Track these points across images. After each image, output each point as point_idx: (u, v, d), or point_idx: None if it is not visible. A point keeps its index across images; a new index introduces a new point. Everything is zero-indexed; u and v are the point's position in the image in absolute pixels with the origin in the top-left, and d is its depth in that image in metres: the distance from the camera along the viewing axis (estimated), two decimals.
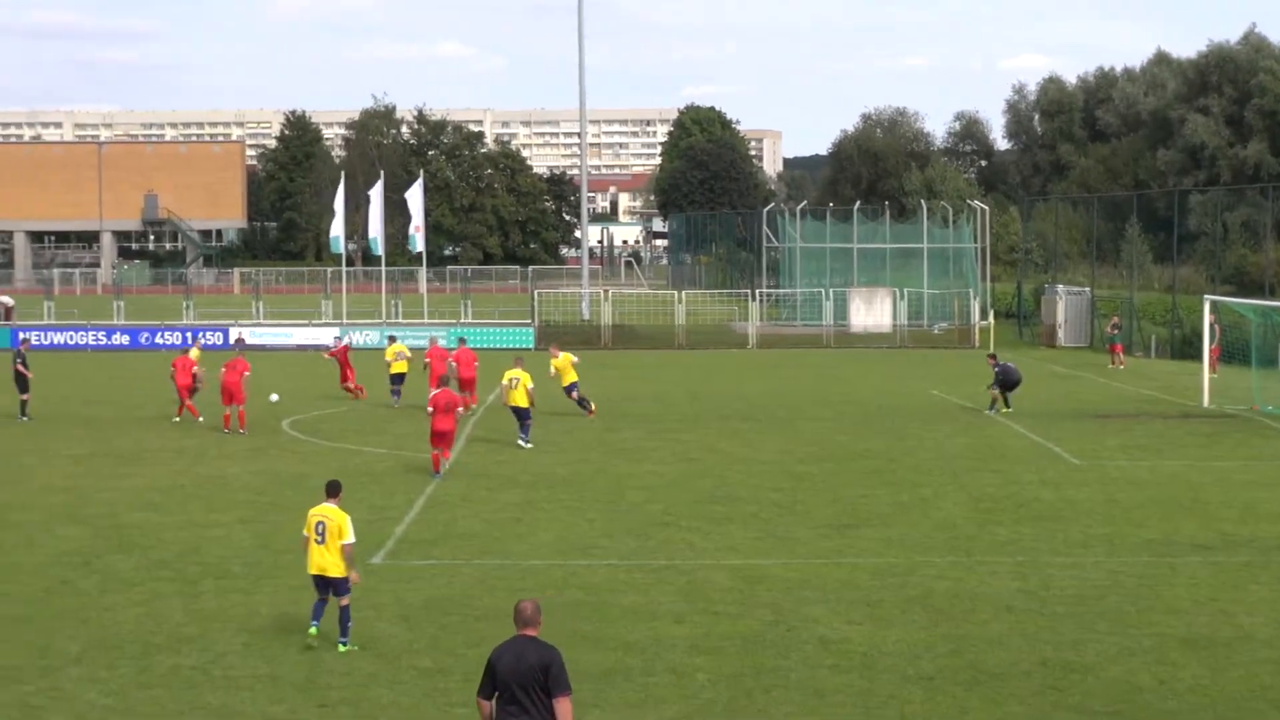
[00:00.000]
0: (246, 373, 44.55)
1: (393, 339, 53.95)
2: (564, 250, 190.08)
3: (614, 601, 24.11)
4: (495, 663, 14.28)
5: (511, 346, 74.99)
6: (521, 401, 40.82)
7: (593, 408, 47.08)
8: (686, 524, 30.49)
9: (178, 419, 46.45)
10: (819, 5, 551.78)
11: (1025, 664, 20.81)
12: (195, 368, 46.90)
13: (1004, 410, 47.99)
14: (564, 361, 46.93)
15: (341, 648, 21.43)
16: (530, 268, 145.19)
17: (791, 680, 20.15)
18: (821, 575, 25.93)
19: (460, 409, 38.43)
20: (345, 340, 55.58)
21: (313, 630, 21.64)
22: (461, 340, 50.69)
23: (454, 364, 46.62)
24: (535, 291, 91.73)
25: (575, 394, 46.95)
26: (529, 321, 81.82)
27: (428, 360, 48.79)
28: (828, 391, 56.37)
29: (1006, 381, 48.43)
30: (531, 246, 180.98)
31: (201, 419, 45.97)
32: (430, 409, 36.29)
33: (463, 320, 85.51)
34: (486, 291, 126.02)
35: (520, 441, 40.69)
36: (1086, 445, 41.59)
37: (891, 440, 42.61)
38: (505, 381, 41.17)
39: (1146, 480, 35.83)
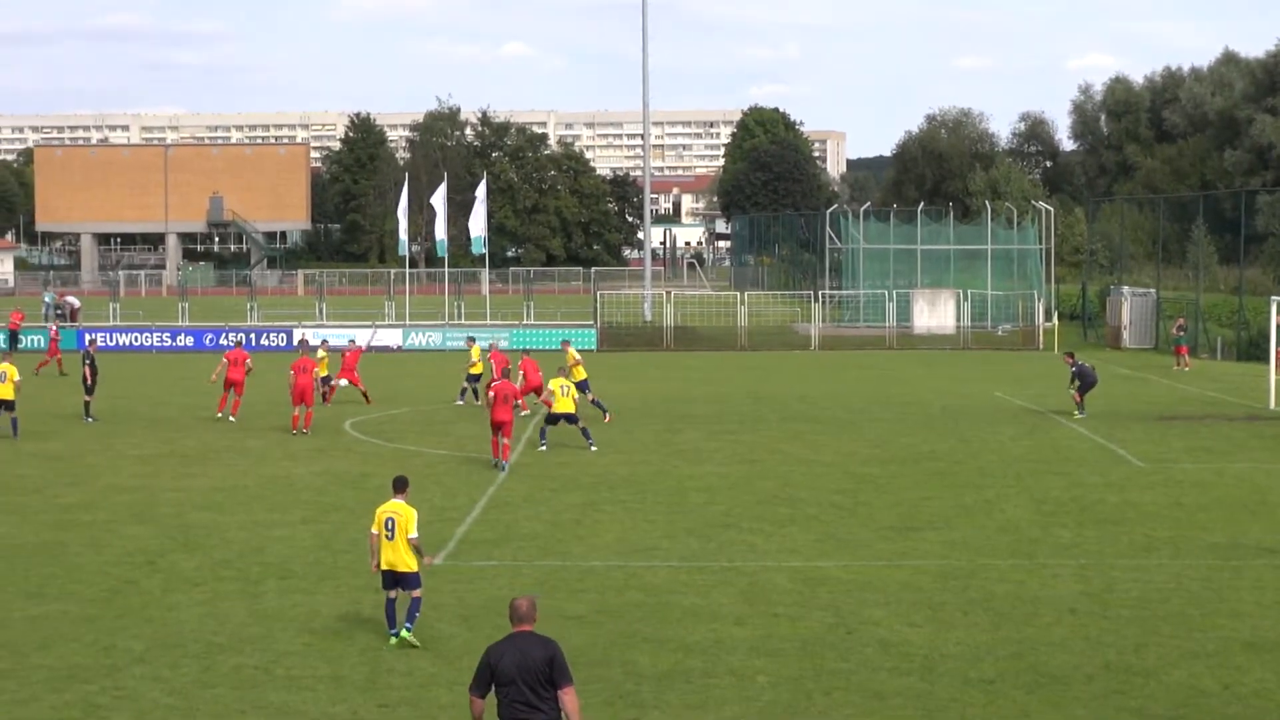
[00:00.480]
0: (317, 371, 44.91)
1: (472, 340, 53.89)
2: (626, 251, 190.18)
3: (674, 603, 24.10)
4: (497, 662, 14.34)
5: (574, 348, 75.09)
6: (570, 408, 40.87)
7: (608, 416, 46.53)
8: (748, 525, 30.46)
9: (234, 418, 46.79)
10: (883, 5, 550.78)
11: (1088, 667, 20.70)
12: (248, 360, 47.40)
13: (1075, 415, 47.59)
14: (570, 359, 46.74)
15: (405, 632, 21.55)
16: (593, 269, 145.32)
17: (852, 683, 20.10)
18: (883, 577, 25.87)
19: (518, 401, 38.74)
20: (359, 344, 54.94)
21: (393, 641, 21.72)
22: (526, 351, 50.63)
23: (522, 373, 46.62)
24: (598, 293, 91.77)
25: (589, 394, 46.75)
26: (591, 323, 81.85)
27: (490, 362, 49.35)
28: (890, 393, 56.19)
29: (1083, 382, 48.01)
30: (594, 248, 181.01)
31: (223, 417, 47.06)
32: (490, 395, 37.14)
33: (525, 321, 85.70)
34: (549, 293, 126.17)
35: (589, 446, 40.69)
36: (1151, 447, 41.35)
37: (955, 442, 42.45)
38: (556, 389, 41.02)
39: (1212, 483, 35.59)
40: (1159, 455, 40.02)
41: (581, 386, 45.72)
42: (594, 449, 40.41)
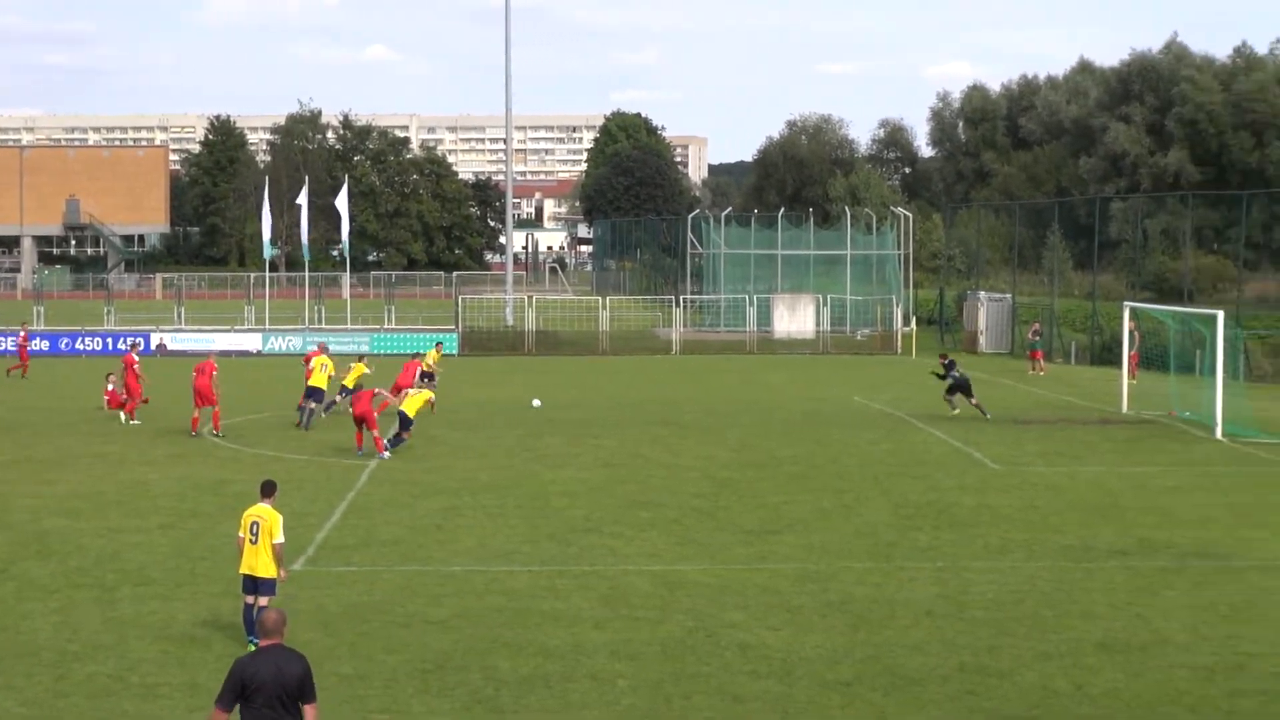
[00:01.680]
0: (215, 373, 44.70)
1: (440, 344, 54.20)
2: (488, 256, 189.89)
3: (535, 607, 24.11)
4: (251, 676, 14.17)
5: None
6: (411, 411, 40.70)
7: (305, 425, 46.11)
8: (609, 530, 30.52)
9: (135, 420, 46.69)
10: (746, 12, 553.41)
11: (943, 669, 20.93)
12: (136, 365, 47.32)
13: (952, 412, 48.61)
14: (320, 359, 47.35)
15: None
16: (454, 273, 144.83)
17: (711, 686, 20.20)
18: (742, 581, 26.00)
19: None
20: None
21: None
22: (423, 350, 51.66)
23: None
24: (459, 297, 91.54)
25: (340, 397, 47.01)
26: (453, 327, 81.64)
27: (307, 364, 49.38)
28: (751, 397, 56.50)
29: (956, 385, 48.98)
30: (456, 252, 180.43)
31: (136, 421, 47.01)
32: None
33: (386, 326, 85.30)
34: (410, 297, 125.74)
35: (385, 454, 40.06)
36: (1006, 451, 41.87)
37: (814, 446, 42.75)
38: (411, 390, 41.84)
39: (1065, 486, 36.10)
40: (1014, 459, 40.54)
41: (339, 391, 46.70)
42: (388, 456, 39.89)
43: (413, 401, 40.83)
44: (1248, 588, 25.67)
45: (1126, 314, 55.15)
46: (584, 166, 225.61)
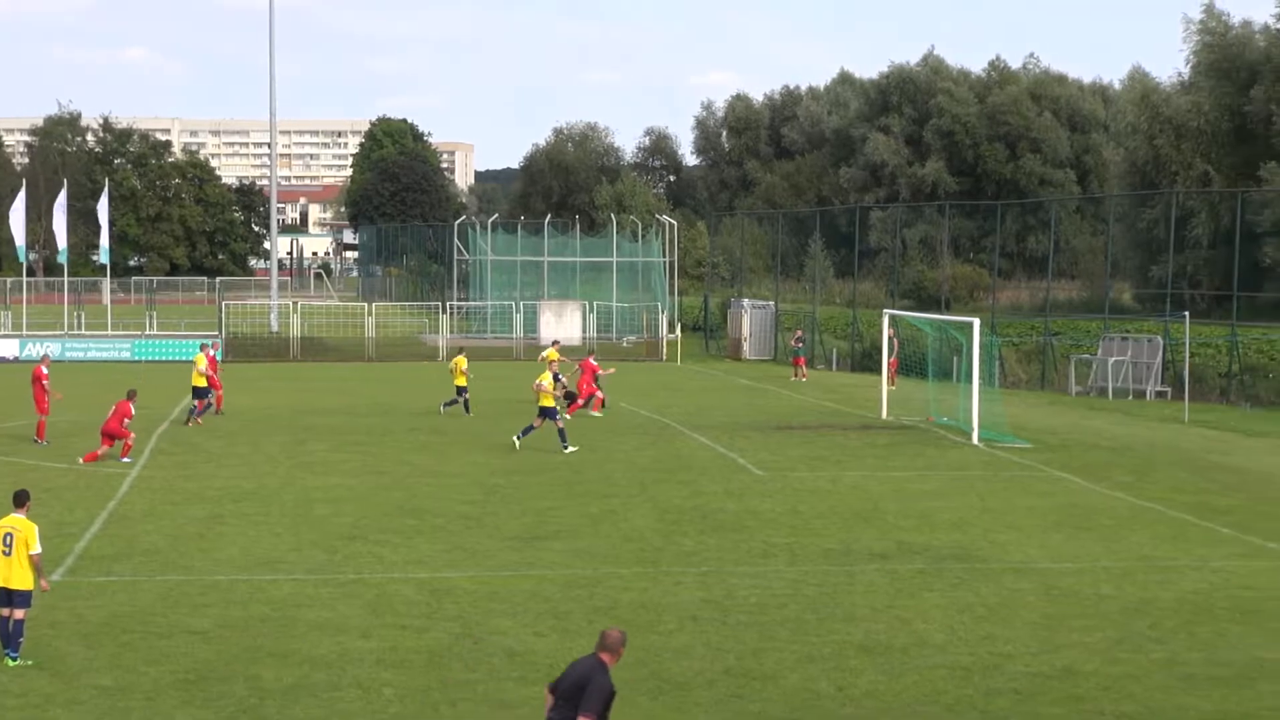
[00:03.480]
0: (43, 380, 43.86)
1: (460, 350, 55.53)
2: (253, 261, 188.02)
3: (300, 616, 23.91)
4: (565, 674, 15.44)
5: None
6: (548, 402, 43.42)
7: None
8: (375, 537, 30.37)
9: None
10: (511, 18, 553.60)
11: (709, 673, 21.14)
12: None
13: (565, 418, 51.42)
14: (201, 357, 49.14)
15: (10, 662, 20.96)
16: (218, 279, 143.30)
17: (478, 693, 20.21)
18: (509, 587, 26.04)
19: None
20: None
21: (9, 662, 21.07)
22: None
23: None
24: (223, 303, 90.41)
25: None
26: (216, 333, 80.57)
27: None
28: (518, 403, 56.49)
29: (567, 393, 51.87)
30: (219, 257, 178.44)
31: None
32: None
33: (148, 332, 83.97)
34: (173, 303, 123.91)
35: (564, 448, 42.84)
36: (770, 456, 42.38)
37: (581, 452, 42.89)
38: (538, 383, 44.30)
39: (827, 490, 36.64)
40: (777, 464, 41.03)
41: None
42: (569, 450, 42.57)
43: (545, 397, 43.62)
44: (1002, 589, 26.29)
45: (886, 321, 56.10)
46: (349, 172, 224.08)
